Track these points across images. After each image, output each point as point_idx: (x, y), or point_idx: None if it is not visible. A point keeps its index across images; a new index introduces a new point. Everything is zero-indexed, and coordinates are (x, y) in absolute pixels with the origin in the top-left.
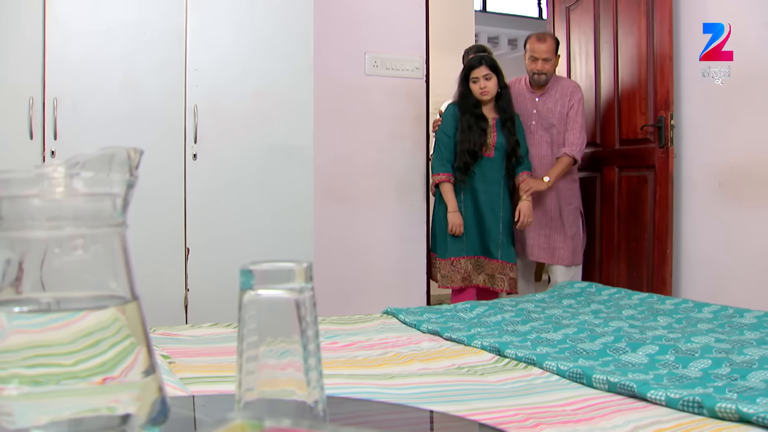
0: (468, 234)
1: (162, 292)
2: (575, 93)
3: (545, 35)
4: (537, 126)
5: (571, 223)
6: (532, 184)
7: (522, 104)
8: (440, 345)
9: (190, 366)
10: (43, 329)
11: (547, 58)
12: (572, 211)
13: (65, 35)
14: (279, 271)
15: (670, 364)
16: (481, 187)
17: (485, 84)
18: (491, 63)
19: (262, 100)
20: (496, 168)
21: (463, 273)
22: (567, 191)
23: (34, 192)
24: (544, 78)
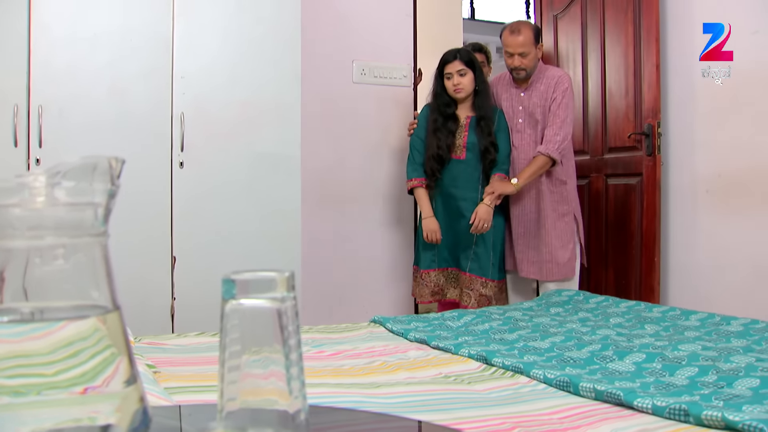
0: (441, 244)
1: (148, 300)
2: (560, 83)
3: (520, 25)
4: (524, 124)
5: (561, 232)
6: (497, 186)
7: (508, 101)
8: (427, 354)
9: (175, 375)
10: (23, 339)
11: (523, 53)
12: (560, 219)
13: (50, 42)
14: (261, 280)
15: (656, 372)
16: (453, 193)
17: (459, 80)
18: (467, 58)
19: (249, 107)
20: (470, 171)
21: (434, 287)
22: (552, 196)
23: (14, 201)
24: (524, 74)
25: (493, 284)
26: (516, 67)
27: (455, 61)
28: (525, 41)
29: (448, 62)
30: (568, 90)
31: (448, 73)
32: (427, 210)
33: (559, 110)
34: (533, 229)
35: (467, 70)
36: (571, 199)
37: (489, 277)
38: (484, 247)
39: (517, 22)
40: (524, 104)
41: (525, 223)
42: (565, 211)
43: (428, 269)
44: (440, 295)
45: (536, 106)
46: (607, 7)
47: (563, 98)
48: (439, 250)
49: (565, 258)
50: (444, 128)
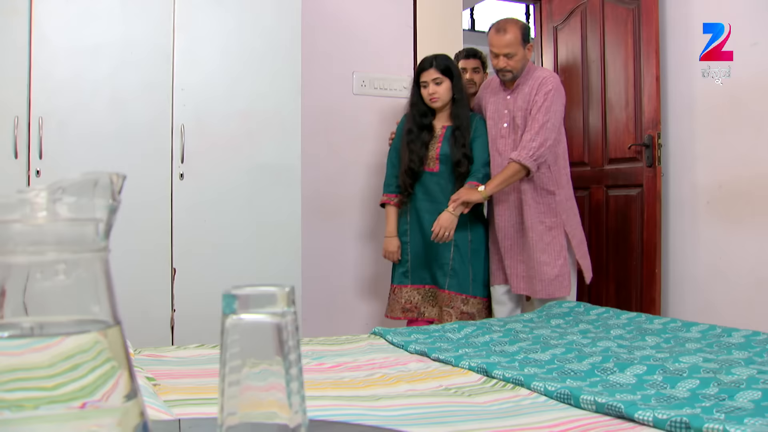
0: (415, 261)
1: (148, 312)
2: (543, 84)
3: (506, 24)
4: (509, 129)
5: (547, 245)
6: (462, 193)
7: (494, 104)
8: (428, 366)
9: (175, 388)
10: (23, 352)
11: (509, 53)
12: (548, 232)
13: (51, 54)
14: (261, 295)
15: (657, 384)
16: (427, 207)
17: (435, 89)
18: (443, 65)
19: (249, 119)
20: (443, 184)
21: (405, 303)
22: (538, 207)
23: (16, 217)
24: (510, 75)
25: (475, 301)
26: (501, 69)
27: (431, 69)
28: (511, 41)
29: (424, 70)
30: (551, 92)
31: (424, 82)
32: (389, 229)
33: (539, 114)
34: (520, 242)
35: (444, 79)
36: (560, 211)
37: (470, 293)
38: (461, 261)
39: (504, 20)
40: (509, 108)
41: (510, 235)
42: (553, 223)
43: (400, 284)
44: (414, 313)
45: (519, 109)
46: (607, 18)
47: (545, 101)
48: (413, 267)
49: (552, 274)
50: (418, 140)
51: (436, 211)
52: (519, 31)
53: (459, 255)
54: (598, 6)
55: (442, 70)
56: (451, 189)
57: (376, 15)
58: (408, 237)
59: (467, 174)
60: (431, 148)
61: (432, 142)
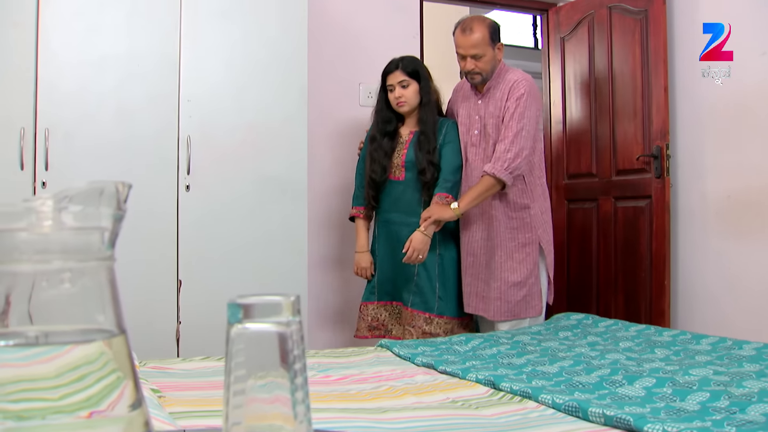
0: (381, 276)
1: (154, 324)
2: (515, 89)
3: (473, 22)
4: (480, 137)
5: (518, 264)
6: (434, 211)
7: (466, 109)
8: (435, 378)
9: (180, 400)
10: (29, 363)
11: (477, 54)
12: (520, 249)
13: (57, 65)
14: (266, 304)
15: (667, 397)
16: (393, 218)
17: (401, 93)
18: (410, 67)
19: (255, 131)
20: (410, 193)
21: (371, 321)
22: (510, 222)
23: (21, 225)
24: (479, 78)
25: (440, 321)
26: (469, 71)
27: (396, 72)
28: (478, 40)
29: (389, 72)
30: (524, 97)
31: (390, 85)
32: (360, 243)
33: (512, 121)
34: (483, 260)
35: (410, 81)
36: (535, 225)
37: (435, 312)
38: (427, 278)
39: (470, 18)
40: (480, 114)
41: (474, 252)
42: (527, 240)
43: (367, 301)
44: (381, 331)
45: (490, 116)
46: (614, 28)
47: (517, 107)
48: (380, 282)
49: (519, 295)
50: (380, 148)
51: (403, 222)
52: (487, 30)
53: (425, 271)
54: (605, 16)
55: (409, 73)
56: (419, 198)
57: (382, 26)
58: (376, 251)
59: (433, 183)
60: (397, 155)
61: (398, 148)
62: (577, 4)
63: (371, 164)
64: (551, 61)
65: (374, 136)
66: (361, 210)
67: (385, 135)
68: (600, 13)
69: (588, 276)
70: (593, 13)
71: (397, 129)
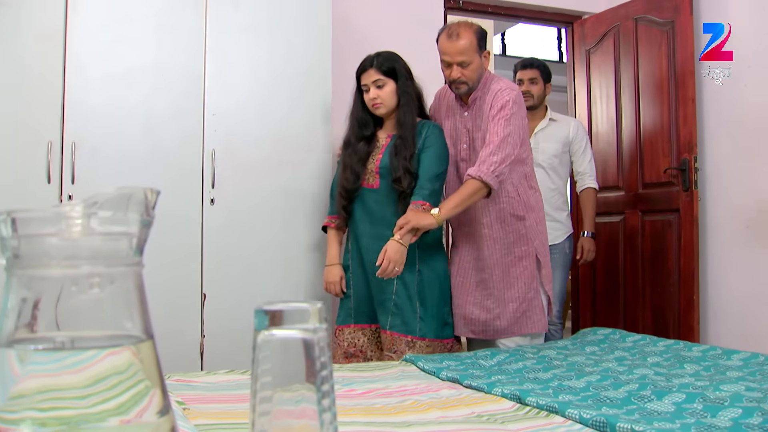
0: (357, 296)
1: (178, 337)
2: (498, 97)
3: (459, 28)
4: (469, 151)
5: (515, 279)
6: (412, 217)
7: (453, 122)
8: (460, 393)
9: (205, 413)
10: (59, 372)
11: (463, 62)
12: (516, 263)
13: (85, 80)
14: (293, 311)
15: (698, 413)
16: (367, 230)
17: (376, 93)
18: (386, 65)
19: (280, 144)
20: (384, 202)
21: (347, 346)
22: (504, 237)
23: (51, 231)
24: (465, 88)
25: (423, 343)
26: (455, 80)
27: (371, 70)
28: (465, 47)
29: (363, 71)
30: (509, 103)
31: (365, 85)
32: (330, 256)
33: (498, 127)
34: (475, 280)
35: (386, 80)
36: (531, 236)
37: (417, 334)
38: (407, 296)
39: (456, 23)
40: (468, 126)
41: (464, 271)
42: (523, 253)
43: (342, 325)
44: (360, 358)
45: (478, 129)
46: (640, 40)
47: (501, 110)
48: (356, 303)
49: (519, 312)
50: (355, 153)
51: (378, 234)
52: (474, 36)
53: (404, 288)
54: (631, 28)
55: (385, 71)
56: (394, 209)
57: (405, 40)
58: (349, 267)
59: (410, 192)
60: (371, 161)
61: (373, 153)
62: (602, 16)
63: (343, 171)
64: (576, 74)
65: (349, 141)
66: (334, 219)
67: (361, 139)
68: (626, 25)
69: (615, 290)
70: (619, 25)
71: (375, 133)
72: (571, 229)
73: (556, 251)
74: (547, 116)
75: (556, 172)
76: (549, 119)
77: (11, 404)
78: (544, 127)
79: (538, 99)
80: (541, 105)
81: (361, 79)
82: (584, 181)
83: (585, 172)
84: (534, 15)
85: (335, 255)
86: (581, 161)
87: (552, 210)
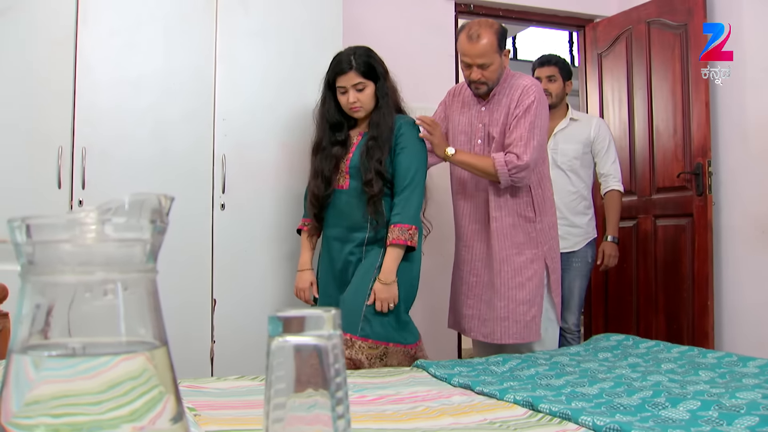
0: (324, 301)
1: (188, 343)
2: (525, 96)
3: (480, 28)
4: (483, 146)
5: (527, 280)
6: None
7: (468, 118)
8: (472, 399)
9: (215, 419)
10: (73, 378)
11: (484, 63)
12: (527, 265)
13: (95, 84)
14: (307, 318)
15: (713, 420)
16: (336, 234)
17: (356, 97)
18: (365, 67)
19: (290, 149)
20: (354, 204)
21: None
22: (514, 236)
23: (66, 237)
24: (485, 89)
25: (364, 345)
26: (475, 81)
27: (351, 73)
28: (486, 49)
29: (341, 73)
30: (534, 104)
31: (342, 87)
32: (302, 260)
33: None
34: (486, 277)
35: (367, 83)
36: (542, 241)
37: (358, 334)
38: (357, 294)
39: (476, 23)
40: (484, 121)
41: (477, 270)
42: (534, 256)
43: None
44: None
45: (496, 123)
46: (653, 44)
47: (527, 113)
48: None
49: (529, 315)
50: (328, 158)
51: (348, 238)
52: (495, 37)
53: (353, 286)
54: (644, 31)
55: (365, 73)
56: (363, 211)
57: (417, 45)
58: (318, 272)
59: (380, 196)
60: (342, 161)
61: (342, 156)
62: (614, 19)
63: (314, 177)
64: (588, 78)
65: (320, 145)
66: (307, 222)
67: (335, 144)
68: (638, 29)
69: (627, 296)
70: (631, 29)
71: (348, 134)
72: (593, 235)
73: (576, 259)
74: (568, 116)
75: (577, 174)
76: (570, 119)
77: (26, 410)
78: (564, 127)
79: (558, 97)
80: (561, 103)
81: (337, 80)
82: (608, 183)
83: (609, 173)
84: (546, 18)
85: (306, 260)
86: (604, 162)
87: (571, 214)
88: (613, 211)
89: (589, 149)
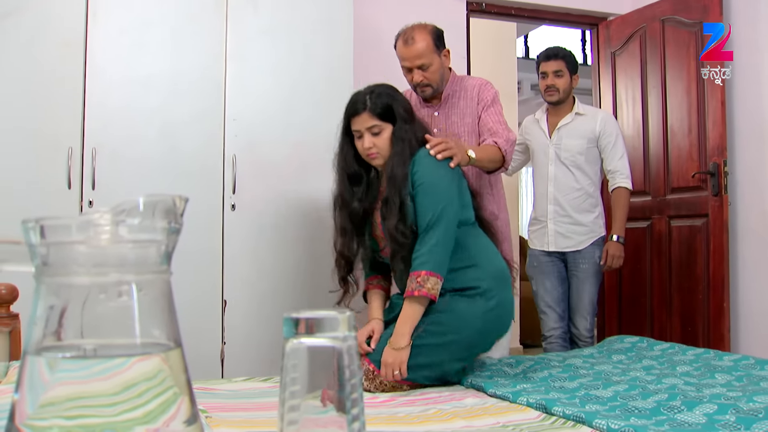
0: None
1: (198, 345)
2: (484, 91)
3: (414, 31)
4: None
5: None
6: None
7: None
8: (484, 401)
9: (226, 421)
10: (88, 381)
11: (423, 65)
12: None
13: (105, 85)
14: (322, 319)
15: (730, 424)
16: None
17: (372, 142)
18: (382, 105)
19: (301, 149)
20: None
21: None
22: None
23: (80, 238)
24: (430, 91)
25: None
26: (418, 84)
27: (364, 114)
28: (423, 50)
29: (355, 114)
30: (497, 95)
31: (357, 131)
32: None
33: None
34: None
35: (384, 126)
36: (502, 239)
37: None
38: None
39: (410, 27)
40: (440, 126)
41: None
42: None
43: None
44: None
45: (456, 124)
46: (667, 42)
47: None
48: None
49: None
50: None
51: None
52: (430, 37)
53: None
54: (658, 29)
55: (380, 114)
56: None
57: None
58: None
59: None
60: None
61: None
62: (628, 17)
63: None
64: (602, 77)
65: (342, 200)
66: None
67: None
68: (652, 27)
69: (641, 298)
70: (645, 27)
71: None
72: (600, 233)
73: (582, 260)
74: (574, 110)
75: (582, 171)
76: (575, 113)
77: (41, 412)
78: (568, 122)
79: (564, 93)
80: (568, 99)
81: (351, 123)
82: (615, 180)
83: (616, 170)
84: (558, 17)
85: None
86: (611, 158)
87: (575, 212)
88: (620, 210)
89: (594, 144)
